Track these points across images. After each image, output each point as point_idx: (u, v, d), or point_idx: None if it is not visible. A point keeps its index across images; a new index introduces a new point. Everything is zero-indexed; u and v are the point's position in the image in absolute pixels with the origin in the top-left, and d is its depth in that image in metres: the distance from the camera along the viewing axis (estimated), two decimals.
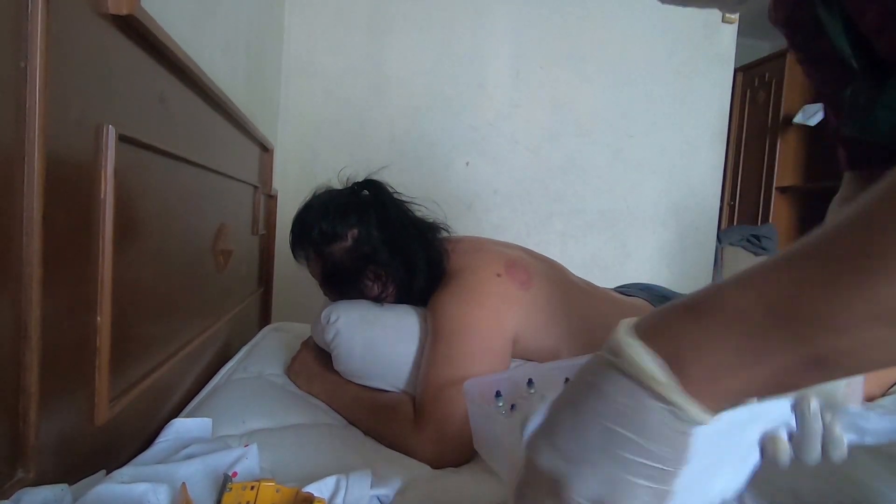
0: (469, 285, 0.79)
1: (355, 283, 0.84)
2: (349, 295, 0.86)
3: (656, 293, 1.01)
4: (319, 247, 0.85)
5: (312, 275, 0.90)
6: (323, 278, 0.87)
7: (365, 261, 0.83)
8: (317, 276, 0.89)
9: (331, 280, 0.86)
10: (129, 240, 0.56)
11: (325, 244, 0.84)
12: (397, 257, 0.82)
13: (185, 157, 0.71)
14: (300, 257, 0.88)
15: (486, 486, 0.57)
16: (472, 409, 0.62)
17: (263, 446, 0.60)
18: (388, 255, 0.82)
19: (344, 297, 0.87)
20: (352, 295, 0.86)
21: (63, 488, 0.42)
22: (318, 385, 0.83)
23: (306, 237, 0.86)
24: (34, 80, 0.40)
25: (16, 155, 0.40)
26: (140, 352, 0.63)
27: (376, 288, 0.85)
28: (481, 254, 0.86)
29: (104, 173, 0.50)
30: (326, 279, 0.86)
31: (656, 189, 1.89)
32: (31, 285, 0.41)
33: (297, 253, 0.88)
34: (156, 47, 0.60)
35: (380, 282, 0.84)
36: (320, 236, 0.84)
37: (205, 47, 0.85)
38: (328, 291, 0.89)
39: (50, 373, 0.44)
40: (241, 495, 0.46)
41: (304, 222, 0.86)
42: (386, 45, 1.69)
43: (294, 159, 1.64)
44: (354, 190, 0.88)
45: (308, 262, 0.88)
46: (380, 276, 0.84)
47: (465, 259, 0.85)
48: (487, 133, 1.76)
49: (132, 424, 0.61)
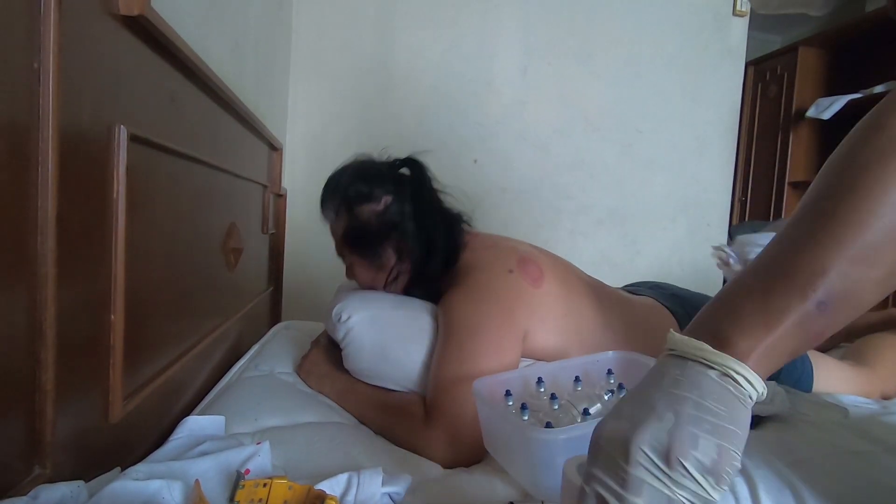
0: (482, 283, 0.78)
1: (376, 247, 0.84)
2: (365, 258, 0.86)
3: (666, 291, 1.00)
4: (351, 203, 0.85)
5: (333, 233, 0.90)
6: (345, 236, 0.86)
7: (391, 228, 0.84)
8: (338, 235, 0.88)
9: (353, 239, 0.86)
10: (141, 239, 0.57)
11: (358, 202, 0.84)
12: (421, 234, 0.84)
13: (195, 156, 0.72)
14: (328, 211, 0.88)
15: (499, 486, 0.57)
16: (483, 408, 0.62)
17: (275, 444, 0.60)
18: (415, 229, 0.84)
19: (360, 259, 0.87)
20: (368, 259, 0.86)
21: (79, 485, 0.43)
22: (328, 384, 0.83)
23: (340, 191, 0.86)
24: (47, 80, 0.40)
25: (31, 155, 0.40)
26: (153, 350, 0.63)
27: (393, 259, 0.85)
28: (494, 250, 0.86)
29: (116, 173, 0.50)
30: (349, 237, 0.86)
31: (666, 185, 1.87)
32: (46, 284, 0.42)
33: (326, 207, 0.88)
34: (166, 47, 0.60)
35: (399, 254, 0.85)
36: (355, 193, 0.84)
37: (214, 47, 0.85)
38: (346, 251, 0.88)
39: (65, 370, 0.44)
40: (254, 492, 0.47)
41: (340, 178, 0.87)
42: (394, 44, 1.69)
43: (303, 158, 1.65)
44: (395, 165, 0.90)
45: (334, 218, 0.88)
46: (401, 249, 0.84)
47: (479, 255, 0.85)
48: (495, 130, 1.76)
49: (146, 422, 0.62)
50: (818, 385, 0.90)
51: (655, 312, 0.92)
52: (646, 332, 0.88)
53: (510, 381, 0.67)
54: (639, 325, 0.88)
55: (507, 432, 0.57)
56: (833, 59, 2.61)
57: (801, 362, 0.91)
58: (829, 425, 0.69)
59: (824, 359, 0.95)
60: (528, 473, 0.55)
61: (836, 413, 0.74)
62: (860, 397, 0.88)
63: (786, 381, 0.86)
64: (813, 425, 0.69)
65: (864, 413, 0.82)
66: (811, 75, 2.61)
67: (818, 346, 1.10)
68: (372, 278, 0.88)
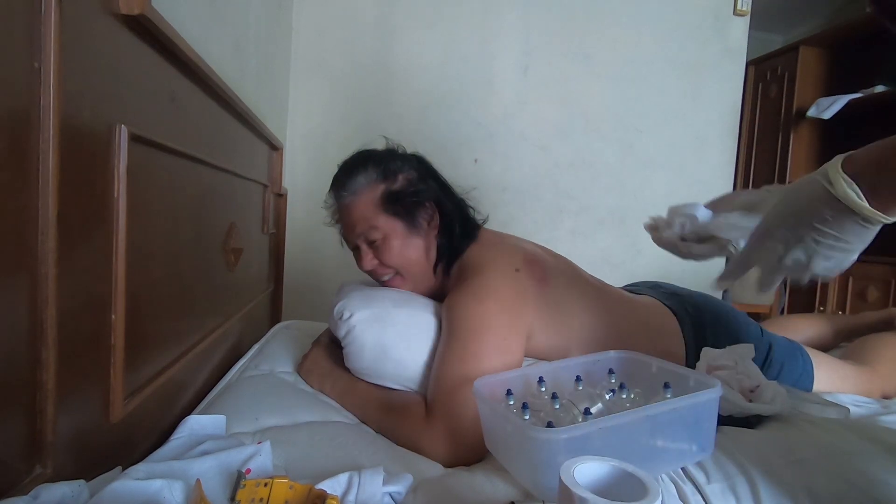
0: (488, 282, 0.78)
1: (415, 209, 0.86)
2: (403, 220, 0.85)
3: (665, 290, 1.00)
4: (388, 172, 0.86)
5: (352, 213, 0.86)
6: (384, 199, 0.85)
7: (426, 189, 0.87)
8: (368, 207, 0.85)
9: (392, 200, 0.85)
10: (142, 238, 0.57)
11: (393, 169, 0.86)
12: (448, 201, 0.89)
13: (195, 156, 0.72)
14: (355, 183, 0.86)
15: (499, 485, 0.57)
16: (483, 407, 0.62)
17: (276, 443, 0.60)
18: (444, 192, 0.89)
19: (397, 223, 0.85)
20: (405, 222, 0.85)
21: (80, 484, 0.43)
22: (329, 383, 0.83)
23: (372, 164, 0.86)
24: (48, 80, 0.40)
25: (32, 153, 0.40)
26: (153, 349, 0.63)
27: (426, 222, 0.87)
28: (500, 248, 0.86)
29: (117, 172, 0.50)
30: (387, 200, 0.85)
31: (667, 185, 1.87)
32: (47, 283, 0.42)
33: (355, 177, 0.86)
34: (166, 47, 0.60)
35: (432, 214, 0.87)
36: (390, 165, 0.86)
37: (214, 46, 0.85)
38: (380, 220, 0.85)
39: (66, 370, 0.44)
40: (255, 492, 0.47)
41: (370, 153, 0.89)
42: (394, 43, 1.69)
43: (303, 158, 1.65)
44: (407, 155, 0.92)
45: (365, 186, 0.85)
46: (432, 215, 0.87)
47: (484, 252, 0.85)
48: (496, 130, 1.76)
49: (146, 421, 0.62)
50: (818, 384, 0.90)
51: (656, 312, 0.92)
52: (648, 332, 0.88)
53: (511, 380, 0.67)
54: (641, 325, 0.88)
55: (508, 432, 0.57)
56: (833, 59, 2.61)
57: (803, 362, 0.91)
58: (829, 425, 0.69)
59: (825, 358, 0.95)
60: (529, 473, 0.55)
61: (837, 412, 0.74)
62: (860, 396, 0.88)
63: (786, 381, 0.86)
64: (813, 424, 0.69)
65: (865, 412, 0.82)
66: (812, 75, 2.60)
67: (819, 346, 1.10)
68: (403, 246, 0.86)
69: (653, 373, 0.68)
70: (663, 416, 0.55)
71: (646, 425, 0.54)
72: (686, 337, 0.89)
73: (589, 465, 0.39)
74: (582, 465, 0.39)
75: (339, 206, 0.88)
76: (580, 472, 0.38)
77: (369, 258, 0.87)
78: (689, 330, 0.90)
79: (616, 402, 0.64)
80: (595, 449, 0.51)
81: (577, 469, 0.38)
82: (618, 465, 0.39)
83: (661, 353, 0.81)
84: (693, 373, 0.69)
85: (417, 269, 0.87)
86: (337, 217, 0.91)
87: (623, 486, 0.38)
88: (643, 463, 0.40)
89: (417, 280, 0.88)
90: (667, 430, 0.56)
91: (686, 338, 0.89)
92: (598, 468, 0.40)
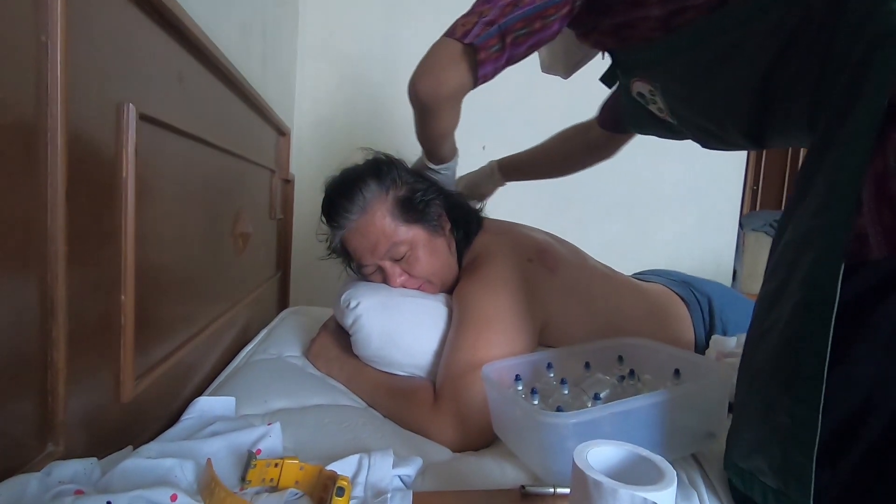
0: (499, 271, 0.77)
1: (432, 209, 0.83)
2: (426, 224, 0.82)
3: (674, 278, 0.99)
4: (386, 175, 0.82)
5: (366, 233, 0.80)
6: (401, 206, 0.81)
7: (433, 191, 0.85)
8: (384, 219, 0.80)
9: (410, 207, 0.81)
10: (150, 219, 0.56)
11: (391, 174, 0.83)
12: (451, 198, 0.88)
13: (204, 138, 0.71)
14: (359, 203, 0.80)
15: (508, 469, 0.57)
16: (492, 392, 0.62)
17: (285, 426, 0.60)
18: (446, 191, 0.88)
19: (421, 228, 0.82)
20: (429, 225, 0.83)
21: (92, 462, 0.43)
22: (337, 367, 0.83)
23: (368, 173, 0.82)
24: (55, 54, 0.40)
25: (39, 131, 0.40)
26: (163, 331, 0.63)
27: (445, 220, 0.86)
28: (511, 236, 0.85)
29: (125, 152, 0.50)
30: (407, 206, 0.81)
31: (677, 173, 1.85)
32: (57, 262, 0.41)
33: (357, 195, 0.80)
34: (174, 25, 0.59)
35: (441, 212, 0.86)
36: (392, 176, 0.83)
37: (221, 28, 0.84)
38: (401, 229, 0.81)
39: (77, 350, 0.44)
40: (266, 472, 0.47)
41: (357, 168, 0.85)
42: (401, 29, 1.66)
43: (310, 143, 1.64)
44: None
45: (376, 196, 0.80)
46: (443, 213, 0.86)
47: (495, 241, 0.84)
48: (504, 117, 1.74)
49: (156, 403, 0.62)
50: None
51: (666, 299, 0.91)
52: (657, 319, 0.87)
53: (519, 365, 0.67)
54: (650, 312, 0.88)
55: (517, 416, 0.57)
56: None
57: None
58: None
59: None
60: (539, 457, 0.55)
61: None
62: None
63: None
64: None
65: None
66: None
67: None
68: (430, 253, 0.82)
69: (662, 359, 0.67)
70: (673, 401, 0.55)
71: (655, 411, 0.54)
72: (695, 324, 0.88)
73: (603, 449, 0.39)
74: (596, 448, 0.39)
75: (348, 231, 0.81)
76: (594, 456, 0.38)
77: (397, 275, 0.82)
78: (699, 317, 0.89)
79: (626, 388, 0.64)
80: (604, 434, 0.50)
81: (591, 453, 0.38)
82: (633, 449, 0.39)
83: (670, 340, 0.81)
84: (703, 359, 0.68)
85: (446, 271, 0.85)
86: (341, 246, 0.84)
87: (638, 471, 0.38)
88: (652, 449, 0.40)
89: (446, 281, 0.85)
90: (676, 415, 0.55)
91: (695, 325, 0.88)
92: (612, 452, 0.39)
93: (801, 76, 0.50)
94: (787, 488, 0.40)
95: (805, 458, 0.38)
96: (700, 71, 0.59)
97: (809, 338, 0.39)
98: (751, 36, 0.53)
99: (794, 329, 0.40)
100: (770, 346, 0.43)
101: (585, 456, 0.38)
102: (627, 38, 0.62)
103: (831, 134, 0.42)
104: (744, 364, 0.48)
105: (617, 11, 0.60)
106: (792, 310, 0.41)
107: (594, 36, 0.65)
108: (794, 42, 0.50)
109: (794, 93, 0.52)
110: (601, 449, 0.39)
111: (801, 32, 0.50)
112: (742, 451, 0.46)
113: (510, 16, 0.60)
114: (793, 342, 0.40)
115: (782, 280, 0.43)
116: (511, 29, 0.61)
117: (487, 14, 0.61)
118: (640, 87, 0.68)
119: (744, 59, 0.55)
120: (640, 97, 0.70)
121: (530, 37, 0.62)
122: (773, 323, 0.43)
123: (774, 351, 0.42)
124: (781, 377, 0.41)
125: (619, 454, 0.39)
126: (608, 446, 0.39)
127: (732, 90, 0.58)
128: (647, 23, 0.58)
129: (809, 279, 0.40)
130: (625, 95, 0.74)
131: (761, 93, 0.55)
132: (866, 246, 0.38)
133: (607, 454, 0.39)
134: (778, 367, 0.42)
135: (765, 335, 0.44)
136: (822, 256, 0.39)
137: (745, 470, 0.45)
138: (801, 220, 0.43)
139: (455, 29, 0.65)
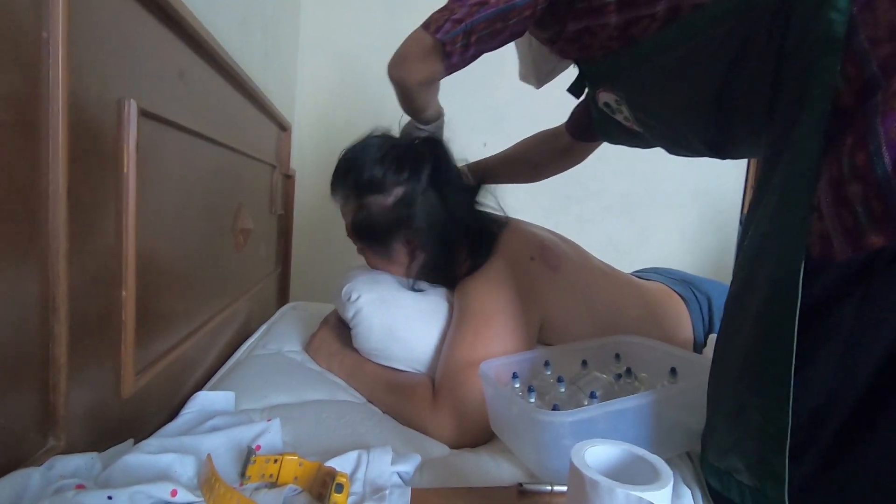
0: (503, 270, 0.77)
1: (384, 242, 0.81)
2: (374, 251, 0.84)
3: (673, 276, 0.99)
4: (361, 192, 0.79)
5: (343, 215, 0.85)
6: (353, 227, 0.82)
7: (399, 225, 0.79)
8: (348, 221, 0.84)
9: (360, 232, 0.82)
10: (151, 215, 0.56)
11: (367, 192, 0.79)
12: (433, 231, 0.79)
13: (204, 133, 0.71)
14: (337, 195, 0.84)
15: (505, 466, 0.57)
16: (489, 389, 0.62)
17: (284, 421, 0.60)
18: (426, 226, 0.78)
19: (369, 250, 0.84)
20: (376, 252, 0.83)
21: (93, 456, 0.44)
22: (337, 362, 0.84)
23: (351, 178, 0.80)
24: (56, 50, 0.40)
25: (40, 125, 0.40)
26: (163, 327, 0.63)
27: (404, 253, 0.82)
28: (515, 235, 0.85)
29: (126, 147, 0.50)
30: (356, 229, 0.82)
31: (677, 171, 1.84)
32: (58, 257, 0.42)
33: (336, 190, 0.83)
34: (174, 20, 0.59)
35: (410, 249, 0.81)
36: (366, 181, 0.78)
37: (221, 23, 0.84)
38: (354, 240, 0.86)
39: (78, 345, 0.44)
40: (265, 468, 0.47)
41: (355, 161, 0.81)
42: (403, 24, 1.63)
43: (311, 139, 1.64)
44: (413, 146, 0.83)
45: (343, 204, 0.84)
46: (412, 245, 0.80)
47: (500, 239, 0.84)
48: (505, 113, 1.73)
49: (157, 397, 0.62)
50: None
51: (665, 297, 0.92)
52: (655, 317, 0.87)
53: (517, 363, 0.67)
54: (649, 310, 0.88)
55: (513, 414, 0.57)
56: None
57: None
58: None
59: None
60: (535, 455, 0.55)
61: None
62: None
63: None
64: None
65: None
66: None
67: None
68: (384, 267, 0.86)
69: (659, 358, 0.68)
70: (669, 400, 0.55)
71: (651, 410, 0.54)
72: (695, 323, 0.89)
73: (600, 449, 0.39)
74: (593, 448, 0.39)
75: None
76: (591, 456, 0.38)
77: (359, 250, 0.88)
78: (698, 316, 0.89)
79: (622, 387, 0.64)
80: (601, 432, 0.51)
81: (589, 452, 0.38)
82: (630, 448, 0.39)
83: (668, 339, 0.81)
84: (700, 358, 0.68)
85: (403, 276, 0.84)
86: None
87: (634, 470, 0.38)
88: (647, 447, 0.40)
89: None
90: (672, 414, 0.56)
91: (694, 324, 0.89)
92: (609, 451, 0.39)
93: (755, 86, 0.51)
94: (762, 486, 0.41)
95: (778, 455, 0.39)
96: (660, 81, 0.61)
97: (776, 337, 0.40)
98: (704, 47, 0.55)
99: (760, 329, 0.42)
100: (738, 347, 0.44)
101: (583, 455, 0.38)
102: (588, 45, 0.64)
103: (784, 138, 0.43)
104: (715, 364, 0.49)
105: (578, 17, 0.62)
106: (757, 310, 0.42)
107: (559, 44, 0.67)
108: (746, 52, 0.52)
109: (750, 101, 0.53)
110: (598, 448, 0.39)
111: (751, 42, 0.51)
112: (717, 452, 0.46)
113: (476, 16, 0.62)
114: (760, 341, 0.41)
115: (746, 280, 0.45)
116: (475, 29, 0.63)
117: (457, 12, 0.63)
118: (606, 98, 0.71)
119: (700, 69, 0.56)
120: (607, 107, 0.72)
121: (493, 37, 0.65)
122: (740, 323, 0.44)
123: (743, 351, 0.43)
124: (751, 376, 0.42)
125: (616, 454, 0.40)
126: (605, 446, 0.40)
127: (692, 101, 0.60)
128: (606, 31, 0.60)
129: (772, 280, 0.41)
130: (592, 105, 0.76)
131: (718, 102, 0.57)
132: (831, 248, 0.39)
133: (605, 454, 0.39)
134: (747, 367, 0.43)
135: (733, 336, 0.45)
136: (782, 257, 0.41)
137: (721, 470, 0.46)
138: (760, 223, 0.44)
139: (430, 22, 0.68)
